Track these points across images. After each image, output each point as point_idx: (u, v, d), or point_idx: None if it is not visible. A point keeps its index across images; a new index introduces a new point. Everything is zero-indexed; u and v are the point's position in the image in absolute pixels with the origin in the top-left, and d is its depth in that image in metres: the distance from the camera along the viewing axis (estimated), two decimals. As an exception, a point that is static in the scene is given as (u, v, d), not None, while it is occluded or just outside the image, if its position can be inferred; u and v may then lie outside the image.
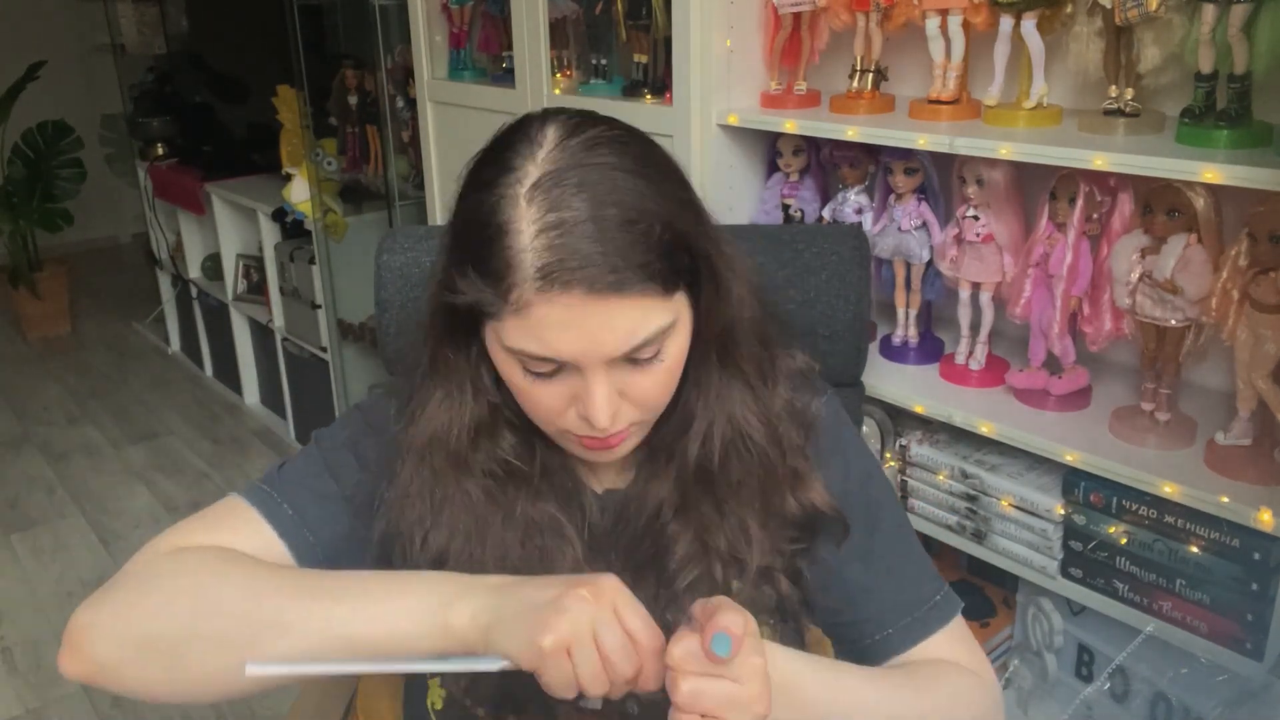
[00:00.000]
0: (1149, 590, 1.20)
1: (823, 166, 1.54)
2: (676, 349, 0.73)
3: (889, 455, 1.51)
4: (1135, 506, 1.19)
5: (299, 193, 2.81)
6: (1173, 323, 1.15)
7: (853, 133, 1.35)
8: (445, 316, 0.76)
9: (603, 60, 1.79)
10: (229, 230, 3.35)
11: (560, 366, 0.70)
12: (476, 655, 0.67)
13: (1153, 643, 1.19)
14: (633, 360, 0.71)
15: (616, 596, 0.66)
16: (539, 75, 1.76)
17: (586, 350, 0.68)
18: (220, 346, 3.59)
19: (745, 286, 0.79)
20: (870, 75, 1.44)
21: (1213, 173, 1.02)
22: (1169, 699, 1.23)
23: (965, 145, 1.23)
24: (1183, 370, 1.21)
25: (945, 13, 1.29)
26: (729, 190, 1.56)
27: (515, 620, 0.66)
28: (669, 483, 0.80)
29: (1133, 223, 1.19)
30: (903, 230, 1.39)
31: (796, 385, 0.85)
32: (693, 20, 1.46)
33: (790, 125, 1.43)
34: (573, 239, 0.66)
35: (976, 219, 1.31)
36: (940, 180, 1.39)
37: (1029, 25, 1.22)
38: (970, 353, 1.40)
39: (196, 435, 3.30)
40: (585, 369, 0.70)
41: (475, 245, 0.69)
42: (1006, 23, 1.24)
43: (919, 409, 1.37)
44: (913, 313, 1.47)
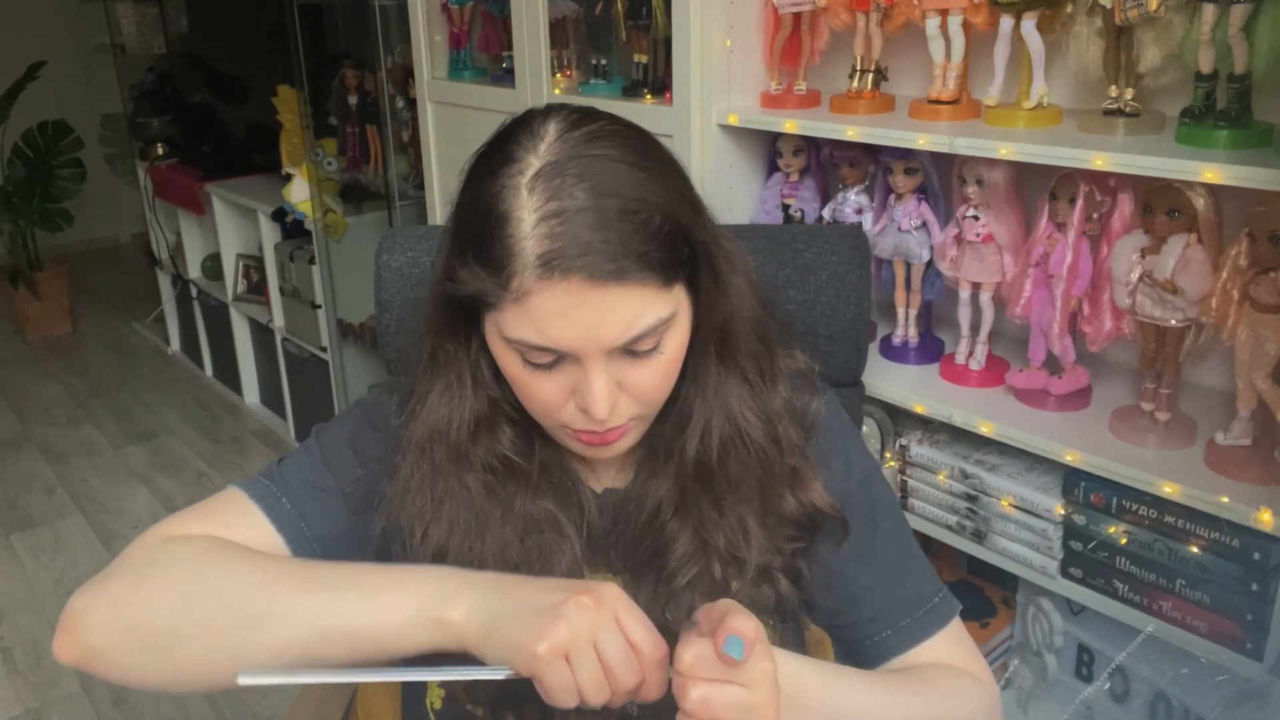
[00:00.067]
0: (1149, 590, 1.20)
1: (823, 166, 1.54)
2: (675, 342, 0.73)
3: (889, 455, 1.51)
4: (1135, 506, 1.19)
5: (299, 193, 2.81)
6: (1173, 323, 1.15)
7: (853, 133, 1.35)
8: (446, 309, 0.76)
9: (603, 60, 1.79)
10: (229, 230, 3.35)
11: (559, 358, 0.70)
12: (480, 665, 0.66)
13: (1153, 643, 1.19)
14: (631, 352, 0.71)
15: (618, 605, 0.65)
16: (539, 75, 1.76)
17: (586, 340, 0.68)
18: (220, 346, 3.59)
19: (745, 282, 0.80)
20: (870, 75, 1.43)
21: (1213, 173, 1.02)
22: (1169, 699, 1.23)
23: (965, 145, 1.23)
24: (1183, 370, 1.21)
25: (945, 13, 1.29)
26: (729, 190, 1.56)
27: (512, 622, 0.65)
28: (668, 481, 0.80)
29: (1133, 223, 1.19)
30: (903, 230, 1.39)
31: (796, 385, 0.85)
32: (693, 20, 1.45)
33: (790, 125, 1.43)
34: (573, 227, 0.66)
35: (976, 219, 1.31)
36: (940, 180, 1.39)
37: (1029, 25, 1.22)
38: (970, 353, 1.40)
39: (196, 435, 3.30)
40: (584, 360, 0.70)
41: (476, 234, 0.70)
42: (1006, 23, 1.24)
43: (919, 409, 1.37)
44: (913, 313, 1.47)
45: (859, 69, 1.44)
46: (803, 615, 0.86)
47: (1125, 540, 1.20)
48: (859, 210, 1.46)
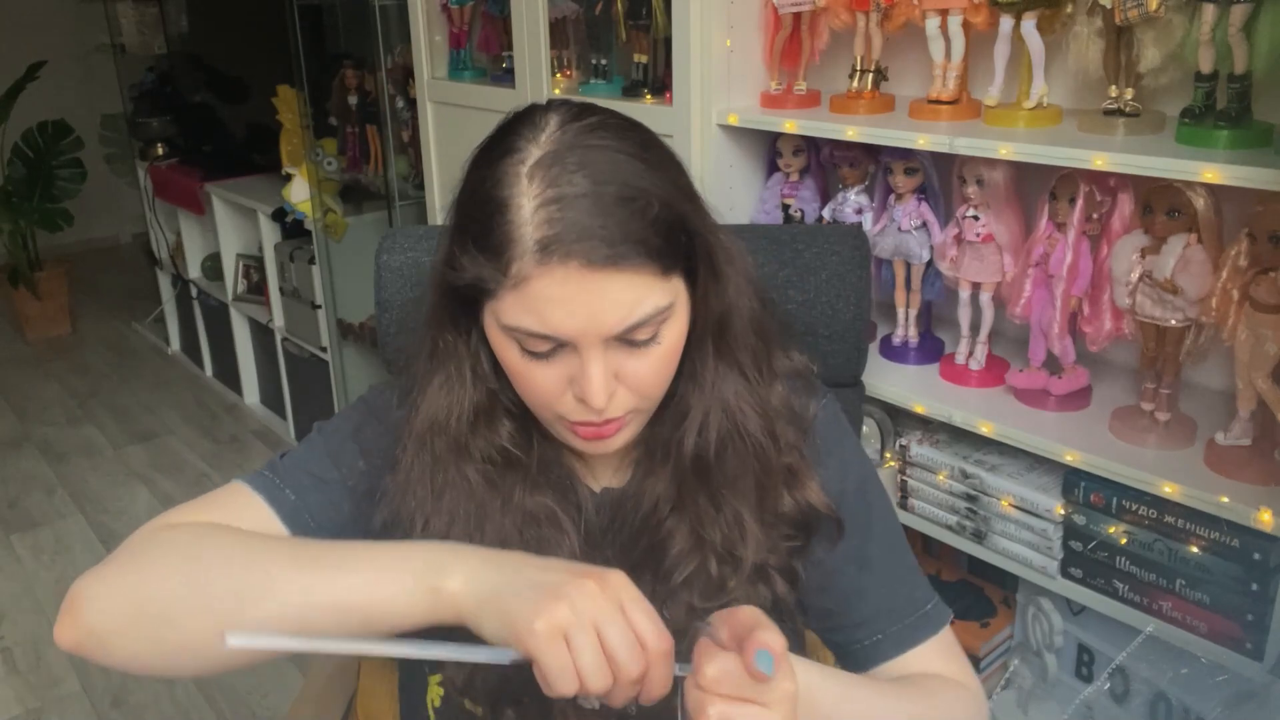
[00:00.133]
0: (1149, 590, 1.20)
1: (823, 166, 1.54)
2: (673, 334, 0.73)
3: (889, 455, 1.51)
4: (1135, 506, 1.19)
5: (299, 193, 2.81)
6: (1173, 323, 1.15)
7: (853, 133, 1.35)
8: (447, 299, 0.77)
9: (603, 60, 1.79)
10: (229, 230, 3.35)
11: (557, 346, 0.70)
12: (477, 645, 0.64)
13: (1153, 643, 1.19)
14: (629, 342, 0.71)
15: (623, 592, 0.63)
16: (539, 75, 1.76)
17: (584, 326, 0.68)
18: (220, 346, 3.59)
19: (743, 277, 0.80)
20: (870, 75, 1.43)
21: (1213, 173, 1.02)
22: (1169, 699, 1.23)
23: (965, 145, 1.23)
24: (1183, 370, 1.21)
25: (945, 13, 1.29)
26: (729, 190, 1.56)
27: (510, 596, 0.63)
28: (665, 479, 0.80)
29: (1133, 223, 1.19)
30: (903, 230, 1.39)
31: (794, 385, 0.85)
32: (693, 20, 1.45)
33: (790, 125, 1.43)
34: (571, 212, 0.66)
35: (976, 219, 1.31)
36: (940, 180, 1.39)
37: (1029, 25, 1.22)
38: (970, 353, 1.40)
39: (196, 435, 3.30)
40: (582, 348, 0.70)
41: (476, 222, 0.70)
42: (1006, 23, 1.24)
43: (919, 409, 1.37)
44: (913, 313, 1.47)
45: (859, 69, 1.44)
46: (799, 617, 0.86)
47: (1125, 540, 1.20)
48: (859, 210, 1.46)
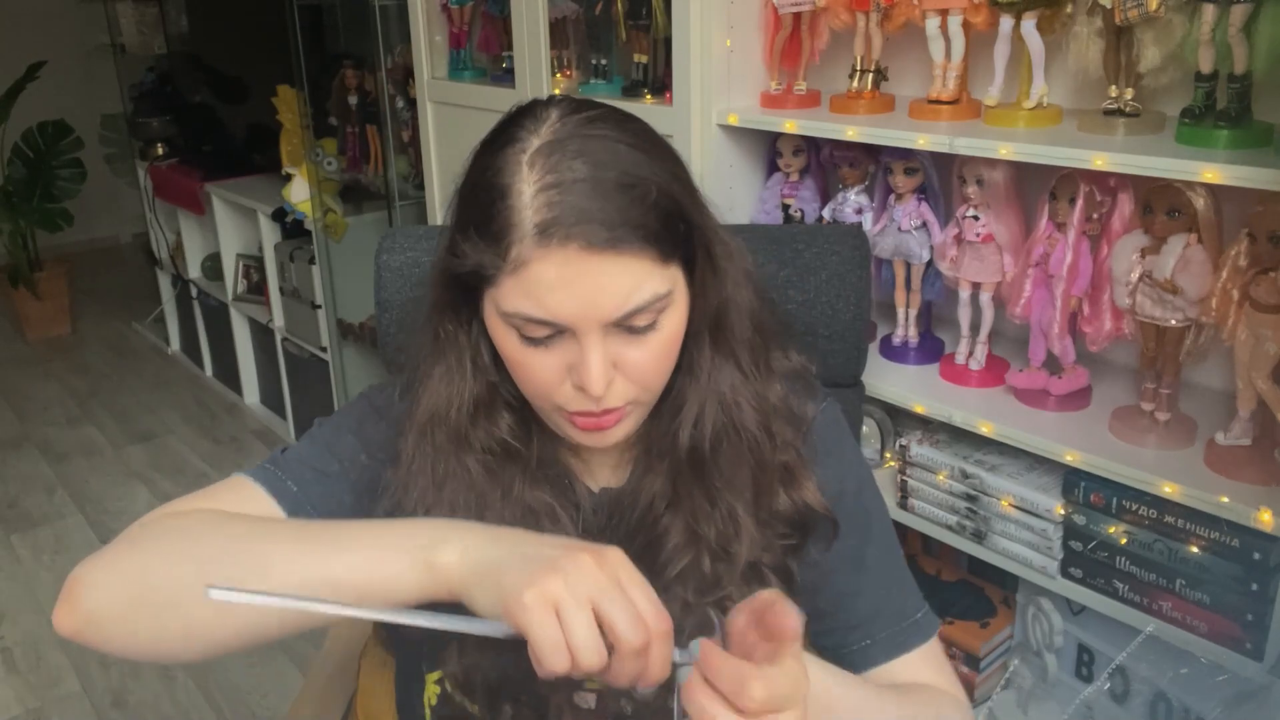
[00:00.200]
0: (1149, 590, 1.20)
1: (823, 166, 1.54)
2: (672, 323, 0.74)
3: (889, 455, 1.51)
4: (1135, 506, 1.19)
5: (299, 193, 2.81)
6: (1173, 323, 1.15)
7: (853, 133, 1.35)
8: (448, 289, 0.77)
9: (603, 60, 1.80)
10: (229, 230, 3.35)
11: (556, 333, 0.71)
12: (476, 618, 0.63)
13: (1153, 643, 1.19)
14: (628, 329, 0.71)
15: (621, 569, 0.61)
16: (539, 75, 1.76)
17: (583, 309, 0.69)
18: (220, 346, 3.59)
19: (742, 273, 0.80)
20: (870, 75, 1.43)
21: (1213, 173, 1.02)
22: (1169, 699, 1.23)
23: (965, 145, 1.23)
24: (1183, 370, 1.21)
25: (945, 13, 1.29)
26: (729, 190, 1.56)
27: (504, 570, 0.62)
28: (663, 476, 0.80)
29: (1133, 223, 1.19)
30: (903, 230, 1.39)
31: (793, 386, 0.85)
32: (693, 20, 1.45)
33: (790, 125, 1.43)
34: (571, 196, 0.67)
35: (976, 219, 1.31)
36: (940, 180, 1.39)
37: (1029, 25, 1.22)
38: (970, 353, 1.40)
39: (196, 435, 3.30)
40: (580, 333, 0.70)
41: (477, 208, 0.71)
42: (1006, 23, 1.24)
43: (919, 409, 1.37)
44: (913, 313, 1.47)
45: (859, 69, 1.44)
46: None
47: (1125, 540, 1.20)
48: (859, 210, 1.46)
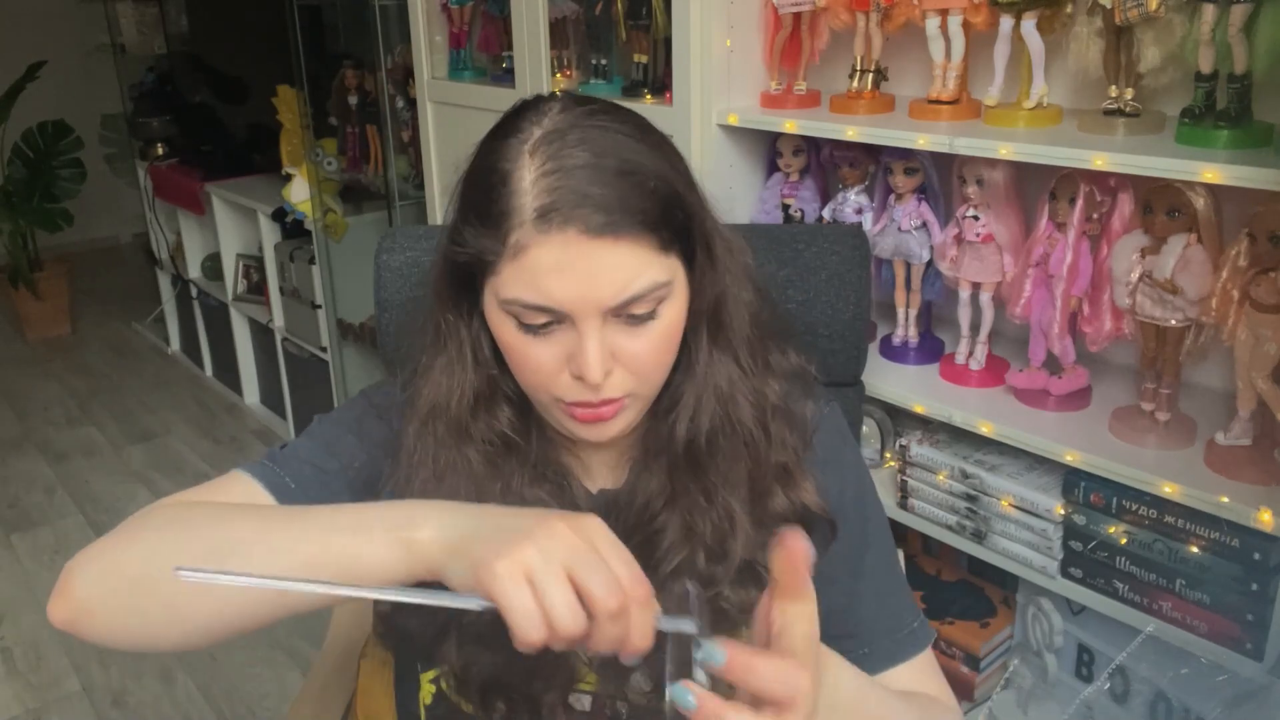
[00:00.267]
0: (1149, 590, 1.20)
1: (823, 166, 1.54)
2: (672, 314, 0.74)
3: (889, 455, 1.51)
4: (1135, 506, 1.19)
5: (299, 193, 2.81)
6: (1173, 323, 1.15)
7: (853, 133, 1.35)
8: (450, 280, 0.77)
9: (603, 60, 1.80)
10: (229, 230, 3.35)
11: (554, 320, 0.71)
12: (453, 593, 0.61)
13: (1153, 643, 1.19)
14: (627, 318, 0.71)
15: (597, 535, 0.60)
16: (539, 75, 1.76)
17: (581, 294, 0.69)
18: (220, 346, 3.59)
19: (740, 267, 0.81)
20: (870, 75, 1.43)
21: (1213, 173, 1.02)
22: (1169, 699, 1.23)
23: (965, 145, 1.23)
24: (1183, 370, 1.21)
25: (945, 13, 1.29)
26: (729, 190, 1.56)
27: (478, 543, 0.61)
28: (661, 474, 0.81)
29: (1133, 223, 1.19)
30: (903, 230, 1.39)
31: (791, 385, 0.85)
32: (693, 20, 1.45)
33: (790, 125, 1.43)
34: (570, 181, 0.68)
35: (976, 219, 1.31)
36: (940, 180, 1.39)
37: (1029, 25, 1.22)
38: (970, 353, 1.40)
39: (196, 435, 3.30)
40: (579, 320, 0.70)
41: (479, 195, 0.72)
42: (1006, 23, 1.24)
43: (919, 409, 1.37)
44: (913, 313, 1.47)
45: (859, 69, 1.44)
46: None
47: (1125, 540, 1.20)
48: (859, 210, 1.46)
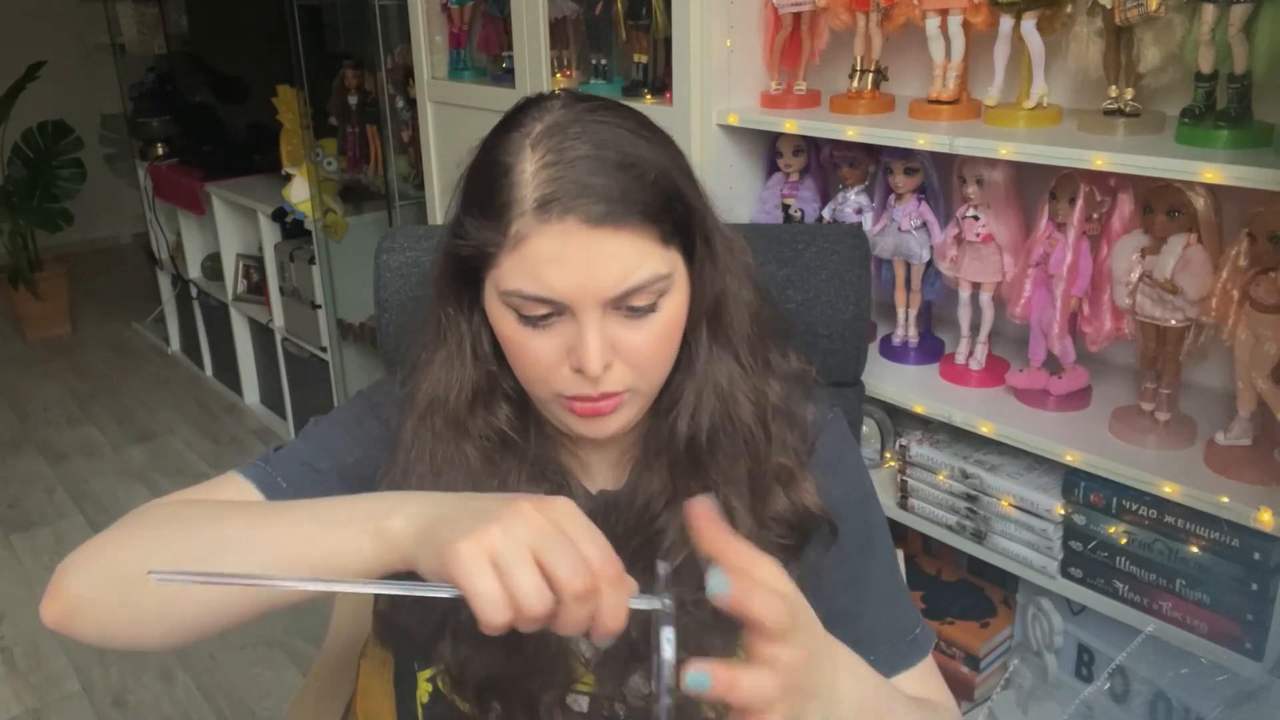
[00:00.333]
0: (1149, 590, 1.20)
1: (823, 166, 1.54)
2: (672, 308, 0.74)
3: (889, 455, 1.51)
4: (1135, 506, 1.19)
5: (299, 193, 2.81)
6: (1173, 323, 1.15)
7: (853, 133, 1.35)
8: (451, 274, 0.78)
9: (603, 60, 1.80)
10: (229, 230, 3.35)
11: (554, 312, 0.71)
12: (420, 582, 0.61)
13: (1153, 643, 1.19)
14: (627, 311, 0.71)
15: (563, 515, 0.58)
16: (539, 75, 1.76)
17: (582, 284, 0.69)
18: (220, 346, 3.59)
19: (741, 266, 0.81)
20: (870, 75, 1.43)
21: (1213, 173, 1.02)
22: (1169, 699, 1.23)
23: (965, 145, 1.23)
24: (1183, 370, 1.21)
25: (945, 13, 1.29)
26: (729, 190, 1.56)
27: (443, 526, 0.60)
28: (662, 474, 0.81)
29: (1133, 223, 1.19)
30: (903, 230, 1.39)
31: (792, 388, 0.85)
32: (693, 20, 1.46)
33: (790, 125, 1.43)
34: (571, 172, 0.68)
35: (976, 219, 1.31)
36: (940, 180, 1.39)
37: (1029, 25, 1.22)
38: (970, 353, 1.40)
39: (196, 435, 3.30)
40: (579, 312, 0.70)
41: (481, 188, 0.72)
42: (1006, 23, 1.24)
43: (919, 409, 1.37)
44: (913, 313, 1.47)
45: (859, 69, 1.44)
46: None
47: (1125, 540, 1.20)
48: (859, 210, 1.46)
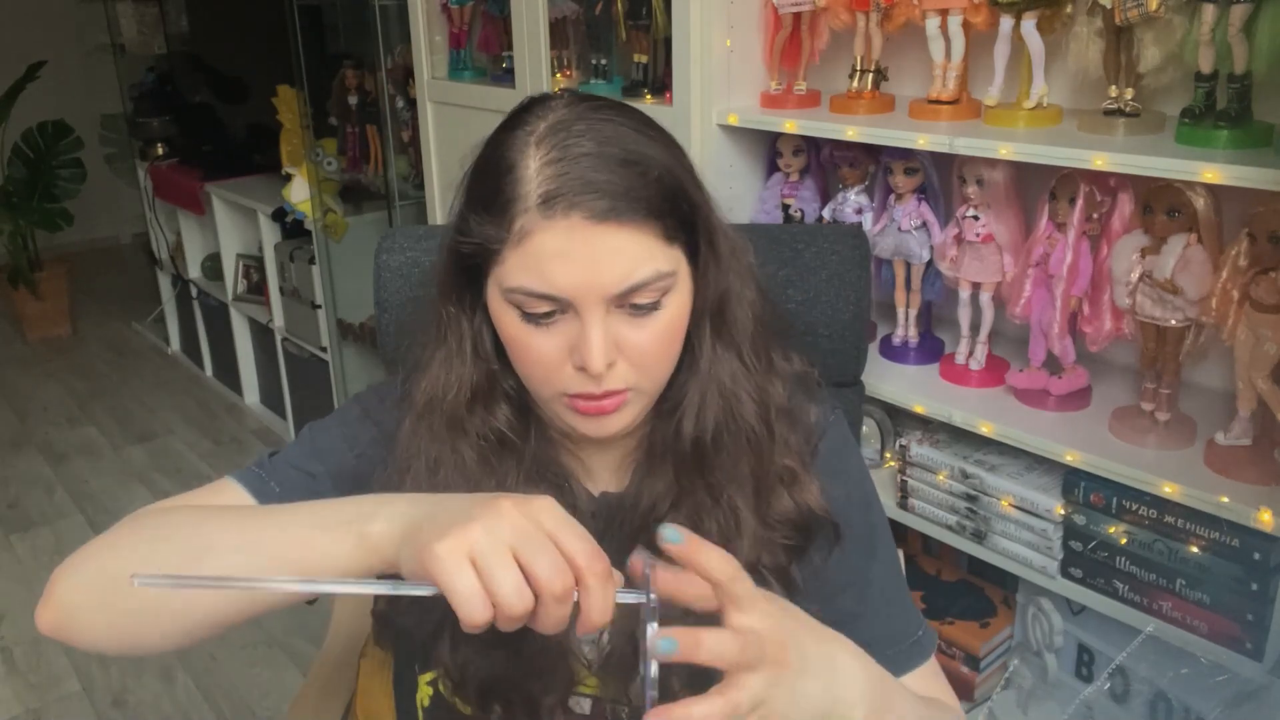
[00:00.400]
0: (1149, 590, 1.20)
1: (823, 166, 1.54)
2: (676, 306, 0.74)
3: (889, 455, 1.51)
4: (1135, 506, 1.19)
5: (299, 193, 2.81)
6: (1173, 323, 1.15)
7: (853, 133, 1.35)
8: (452, 272, 0.78)
9: (603, 60, 1.80)
10: (229, 230, 3.35)
11: (557, 310, 0.71)
12: (402, 581, 0.61)
13: (1153, 643, 1.19)
14: (631, 308, 0.71)
15: (545, 513, 0.59)
16: (539, 75, 1.76)
17: (585, 280, 0.69)
18: (220, 346, 3.59)
19: (744, 265, 0.81)
20: (870, 75, 1.43)
21: (1213, 173, 1.02)
22: (1169, 699, 1.23)
23: (965, 145, 1.23)
24: (1183, 370, 1.21)
25: (945, 13, 1.29)
26: (729, 190, 1.56)
27: (425, 530, 0.60)
28: (667, 477, 0.80)
29: (1133, 223, 1.19)
30: (903, 230, 1.39)
31: (794, 389, 0.85)
32: (693, 20, 1.46)
33: (790, 125, 1.43)
34: (575, 168, 0.69)
35: (976, 219, 1.31)
36: (940, 180, 1.39)
37: (1029, 25, 1.22)
38: (970, 353, 1.40)
39: (196, 435, 3.30)
40: (582, 309, 0.70)
41: (485, 185, 0.72)
42: (1006, 23, 1.24)
43: (919, 409, 1.37)
44: (913, 313, 1.47)
45: (859, 69, 1.44)
46: None
47: (1125, 540, 1.20)
48: (859, 210, 1.46)
